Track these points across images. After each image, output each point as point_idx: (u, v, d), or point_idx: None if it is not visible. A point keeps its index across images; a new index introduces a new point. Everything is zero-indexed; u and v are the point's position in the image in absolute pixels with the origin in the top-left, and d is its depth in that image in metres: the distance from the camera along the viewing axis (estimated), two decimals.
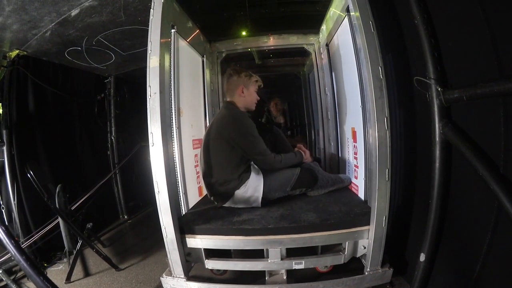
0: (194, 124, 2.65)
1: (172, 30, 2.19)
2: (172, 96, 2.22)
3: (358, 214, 1.98)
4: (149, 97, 1.85)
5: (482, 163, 1.29)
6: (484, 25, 1.27)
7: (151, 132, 1.85)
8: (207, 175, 2.29)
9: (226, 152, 2.22)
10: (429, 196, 1.65)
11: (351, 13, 2.02)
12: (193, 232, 1.98)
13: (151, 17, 1.92)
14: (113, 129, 4.26)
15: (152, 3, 1.93)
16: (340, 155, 3.01)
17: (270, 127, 3.08)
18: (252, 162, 2.36)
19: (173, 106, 2.23)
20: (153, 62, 1.87)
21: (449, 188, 1.62)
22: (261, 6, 2.65)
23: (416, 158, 1.98)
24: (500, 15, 1.22)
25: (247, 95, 2.40)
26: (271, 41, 3.23)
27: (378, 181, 1.80)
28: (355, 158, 2.46)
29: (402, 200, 2.17)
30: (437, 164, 1.59)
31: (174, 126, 2.25)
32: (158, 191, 1.87)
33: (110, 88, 4.20)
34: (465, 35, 1.43)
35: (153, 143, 1.85)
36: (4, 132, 2.74)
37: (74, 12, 2.42)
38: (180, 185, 2.29)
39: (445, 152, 1.57)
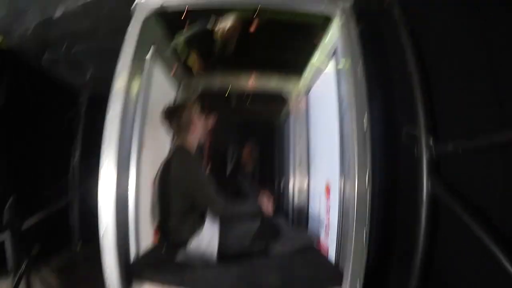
0: (156, 159, 2.38)
1: (148, 54, 2.04)
2: (136, 125, 2.00)
3: (328, 279, 1.77)
4: (108, 121, 1.62)
5: (481, 224, 1.14)
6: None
7: (104, 162, 1.58)
8: (158, 222, 2.11)
9: (175, 199, 2.02)
10: (411, 262, 1.48)
11: (337, 60, 1.98)
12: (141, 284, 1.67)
13: (127, 34, 1.76)
14: (77, 151, 3.75)
15: (132, 21, 1.78)
16: (310, 210, 2.84)
17: (233, 178, 2.88)
18: (207, 212, 2.14)
19: (135, 136, 2.00)
20: (119, 83, 1.68)
21: (435, 254, 1.46)
22: (242, 46, 2.56)
23: (397, 218, 1.85)
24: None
25: (199, 127, 2.23)
26: (248, 83, 3.15)
27: (354, 243, 1.59)
28: (327, 215, 2.29)
29: (378, 263, 1.97)
30: (422, 224, 1.44)
31: (132, 158, 2.01)
32: (103, 233, 1.56)
33: (80, 106, 3.75)
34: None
35: (104, 174, 1.58)
36: None
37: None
38: (131, 226, 1.99)
39: (432, 211, 1.43)
